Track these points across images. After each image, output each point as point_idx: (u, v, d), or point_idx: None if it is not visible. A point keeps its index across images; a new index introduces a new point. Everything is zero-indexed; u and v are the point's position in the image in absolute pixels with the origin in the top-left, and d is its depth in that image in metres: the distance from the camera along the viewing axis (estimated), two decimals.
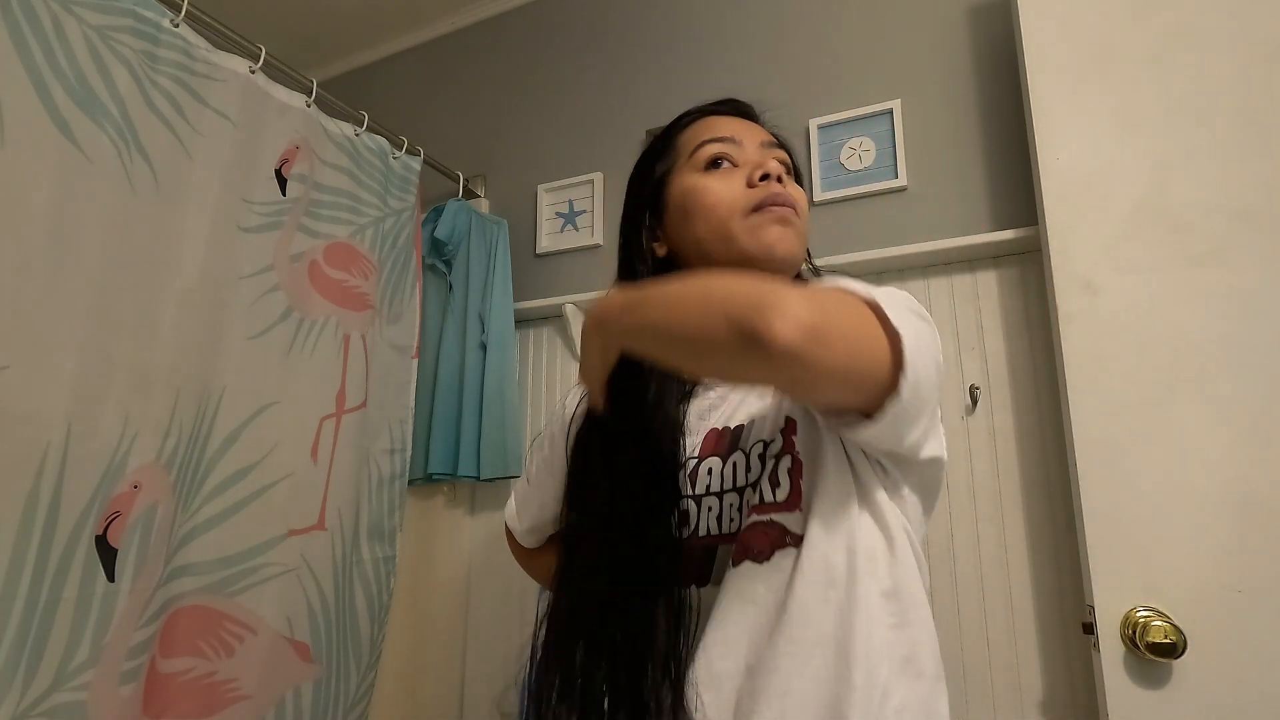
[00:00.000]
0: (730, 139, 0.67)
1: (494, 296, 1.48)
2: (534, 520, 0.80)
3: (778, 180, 0.64)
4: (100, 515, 0.84)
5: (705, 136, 0.68)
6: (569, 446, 0.69)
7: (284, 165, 1.13)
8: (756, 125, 0.72)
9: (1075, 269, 0.96)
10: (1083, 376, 0.93)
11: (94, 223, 0.86)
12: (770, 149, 0.68)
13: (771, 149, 0.69)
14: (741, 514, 0.59)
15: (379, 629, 1.25)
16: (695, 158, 0.67)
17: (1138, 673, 0.84)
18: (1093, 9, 1.01)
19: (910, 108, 1.25)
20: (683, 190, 0.67)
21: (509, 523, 0.83)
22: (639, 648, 0.55)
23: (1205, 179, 0.92)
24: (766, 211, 0.62)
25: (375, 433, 1.27)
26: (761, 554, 0.54)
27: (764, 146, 0.68)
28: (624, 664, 0.56)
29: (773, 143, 0.70)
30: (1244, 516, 0.83)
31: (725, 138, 0.67)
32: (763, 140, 0.69)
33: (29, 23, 0.82)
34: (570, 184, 1.57)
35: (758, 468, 0.59)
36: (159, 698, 0.92)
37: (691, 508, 0.61)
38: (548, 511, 0.77)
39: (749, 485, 0.59)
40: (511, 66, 1.74)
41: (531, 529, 0.80)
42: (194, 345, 0.97)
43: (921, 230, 1.19)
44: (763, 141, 0.69)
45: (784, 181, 0.64)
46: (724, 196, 0.64)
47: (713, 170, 0.66)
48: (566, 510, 0.69)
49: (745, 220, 0.63)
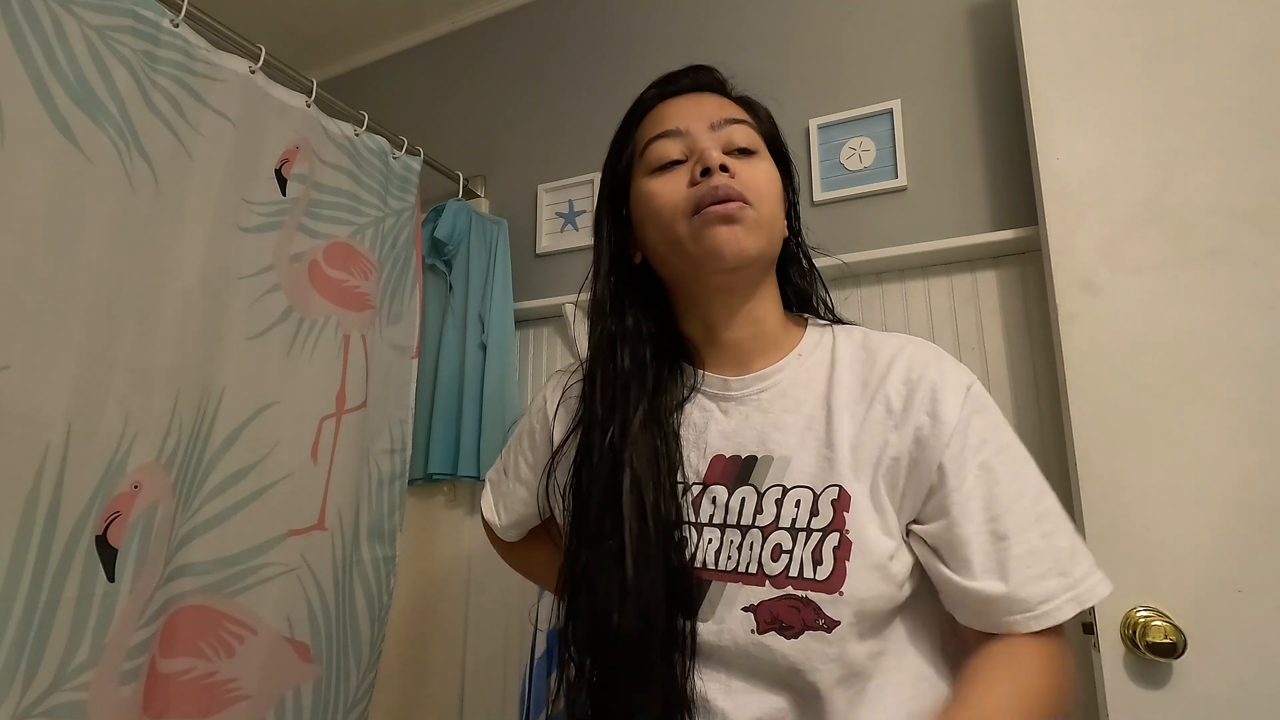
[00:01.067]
0: (676, 131, 0.61)
1: (494, 296, 1.48)
2: (516, 516, 0.77)
3: (722, 169, 0.58)
4: (100, 515, 0.84)
5: (653, 133, 0.63)
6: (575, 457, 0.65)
7: (284, 165, 1.13)
8: (710, 97, 0.65)
9: (1075, 269, 0.96)
10: (1083, 376, 0.93)
11: (94, 223, 0.86)
12: (721, 129, 0.62)
13: (722, 128, 0.62)
14: (741, 553, 0.56)
15: (379, 629, 1.25)
16: (645, 158, 0.63)
17: (1138, 673, 0.84)
18: (1093, 9, 1.01)
19: (910, 108, 1.25)
20: (637, 196, 0.63)
21: (487, 518, 0.80)
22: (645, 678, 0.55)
23: (1205, 179, 0.92)
24: (706, 211, 0.57)
25: (375, 433, 1.27)
26: (791, 630, 0.53)
27: (713, 129, 0.61)
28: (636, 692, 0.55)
29: (726, 119, 0.62)
30: (1244, 516, 0.83)
31: (670, 131, 0.62)
32: (712, 121, 0.62)
33: (29, 23, 0.82)
34: (570, 184, 1.57)
35: (770, 512, 0.56)
36: (159, 698, 0.92)
37: (691, 535, 0.58)
38: (530, 506, 0.75)
39: (750, 527, 0.56)
40: (511, 66, 1.74)
41: (514, 524, 0.78)
42: (194, 345, 0.97)
43: (921, 230, 1.19)
44: (712, 122, 0.62)
45: (729, 169, 0.58)
46: (666, 201, 0.60)
47: (660, 172, 0.61)
48: (566, 514, 0.66)
49: (689, 224, 0.58)
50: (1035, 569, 0.53)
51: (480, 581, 1.50)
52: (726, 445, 0.61)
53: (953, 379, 0.58)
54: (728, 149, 0.61)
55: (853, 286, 1.23)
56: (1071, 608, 0.53)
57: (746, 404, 0.62)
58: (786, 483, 0.57)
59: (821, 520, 0.54)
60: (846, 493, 0.55)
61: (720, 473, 0.59)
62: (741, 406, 0.62)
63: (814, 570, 0.53)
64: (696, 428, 0.62)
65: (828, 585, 0.52)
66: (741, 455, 0.59)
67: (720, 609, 0.55)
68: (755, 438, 0.60)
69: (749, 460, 0.59)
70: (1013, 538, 0.53)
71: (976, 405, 0.57)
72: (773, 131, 0.68)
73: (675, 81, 0.67)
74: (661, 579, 0.56)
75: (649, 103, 0.67)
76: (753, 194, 0.59)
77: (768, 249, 0.61)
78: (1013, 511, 0.54)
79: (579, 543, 0.61)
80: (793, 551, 0.54)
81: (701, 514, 0.59)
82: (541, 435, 0.73)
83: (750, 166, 0.61)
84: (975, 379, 0.59)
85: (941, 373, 0.58)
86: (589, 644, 0.58)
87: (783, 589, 0.53)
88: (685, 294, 0.65)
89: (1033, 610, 0.52)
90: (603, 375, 0.64)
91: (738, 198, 0.58)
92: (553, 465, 0.68)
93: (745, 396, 0.62)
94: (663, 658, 0.54)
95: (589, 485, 0.61)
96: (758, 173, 0.61)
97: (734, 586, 0.55)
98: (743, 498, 0.57)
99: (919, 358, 0.59)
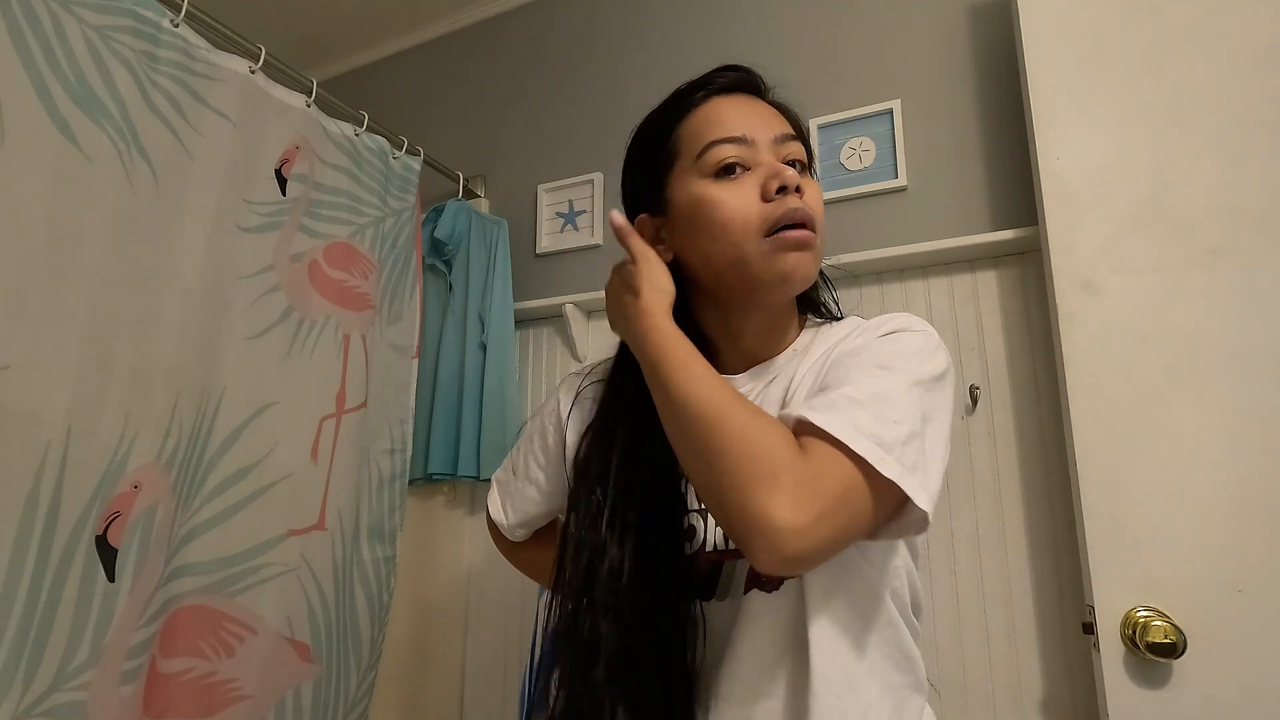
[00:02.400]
0: (742, 139, 0.59)
1: (494, 296, 1.48)
2: (524, 515, 0.77)
3: (796, 190, 0.57)
4: (100, 515, 0.84)
5: (714, 136, 0.60)
6: (579, 450, 0.66)
7: (284, 165, 1.13)
8: (767, 107, 0.64)
9: (1075, 269, 0.96)
10: (1083, 376, 0.93)
11: (94, 223, 0.86)
12: (784, 144, 0.61)
13: (785, 143, 0.61)
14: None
15: (379, 629, 1.25)
16: (703, 161, 0.60)
17: (1138, 673, 0.84)
18: (1093, 9, 1.01)
19: (910, 108, 1.25)
20: (691, 199, 0.60)
21: (494, 517, 0.80)
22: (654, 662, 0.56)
23: (1205, 179, 0.92)
24: (785, 236, 0.56)
25: (375, 433, 1.27)
26: (769, 583, 0.56)
27: (777, 142, 0.61)
28: (642, 678, 0.56)
29: (787, 134, 0.62)
30: (1244, 516, 0.83)
31: (737, 138, 0.59)
32: (776, 134, 0.61)
33: (29, 23, 0.82)
34: (570, 184, 1.57)
35: None
36: (159, 698, 0.92)
37: (698, 522, 0.60)
38: (539, 506, 0.76)
39: None
40: (511, 66, 1.74)
41: (521, 523, 0.78)
42: (194, 345, 0.97)
43: (921, 230, 1.19)
44: (776, 136, 0.61)
45: (802, 190, 0.58)
46: (737, 214, 0.57)
47: (724, 179, 0.59)
48: (569, 514, 0.66)
49: (761, 244, 0.57)
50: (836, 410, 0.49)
51: (480, 582, 1.50)
52: None
53: (892, 320, 0.58)
54: (790, 165, 0.60)
55: (853, 287, 1.23)
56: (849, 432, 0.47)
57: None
58: None
59: None
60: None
61: None
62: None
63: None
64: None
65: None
66: None
67: (733, 587, 0.58)
68: None
69: None
70: (830, 391, 0.51)
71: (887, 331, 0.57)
72: (810, 149, 0.67)
73: (722, 79, 0.64)
74: (672, 565, 0.58)
75: (698, 96, 0.64)
76: (817, 219, 0.59)
77: (814, 276, 0.62)
78: (846, 383, 0.51)
79: (587, 529, 0.62)
80: None
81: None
82: (554, 436, 0.74)
83: (810, 187, 0.60)
84: (924, 332, 0.57)
85: (886, 317, 0.59)
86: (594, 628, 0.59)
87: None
88: (720, 299, 0.64)
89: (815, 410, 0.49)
90: (626, 362, 0.66)
91: (811, 224, 0.58)
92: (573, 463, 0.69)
93: (745, 393, 0.63)
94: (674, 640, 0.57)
95: (600, 472, 0.63)
96: (816, 195, 0.60)
97: (743, 563, 0.58)
98: None
99: (880, 318, 0.60)
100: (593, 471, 0.63)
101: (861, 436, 0.46)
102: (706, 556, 0.59)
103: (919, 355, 0.54)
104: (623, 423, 0.63)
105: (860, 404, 0.49)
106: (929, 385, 0.53)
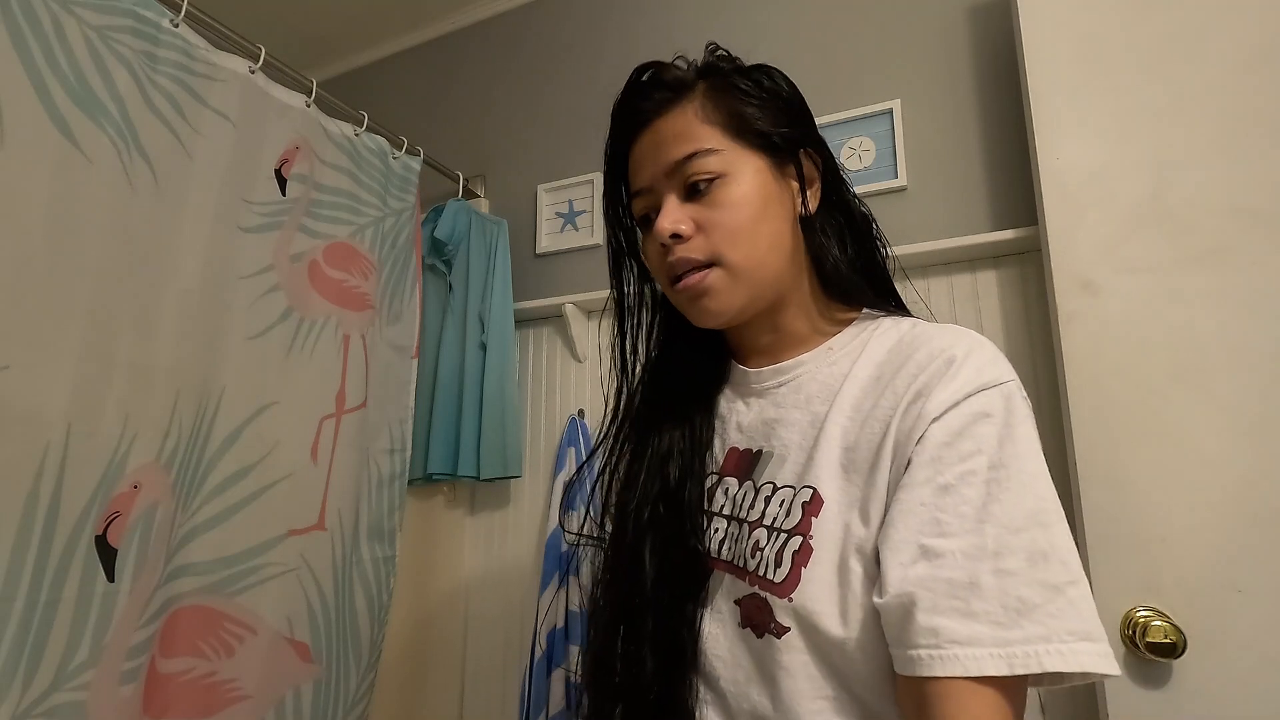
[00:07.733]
0: (646, 189, 0.58)
1: (494, 296, 1.48)
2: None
3: (675, 237, 0.55)
4: (100, 515, 0.84)
5: (633, 187, 0.60)
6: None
7: (284, 165, 1.13)
8: (661, 132, 0.57)
9: (1075, 269, 0.96)
10: (1083, 376, 0.93)
11: (94, 223, 0.86)
12: (680, 169, 0.55)
13: (681, 168, 0.55)
14: (736, 545, 0.55)
15: (379, 629, 1.25)
16: (633, 210, 0.61)
17: (1138, 673, 0.84)
18: (1093, 9, 1.01)
19: (910, 108, 1.25)
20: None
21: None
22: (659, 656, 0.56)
23: (1205, 179, 0.92)
24: (677, 289, 0.57)
25: (375, 433, 1.27)
26: (759, 629, 0.51)
27: (670, 176, 0.56)
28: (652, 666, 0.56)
29: (676, 160, 0.55)
30: (1244, 516, 0.83)
31: (644, 189, 0.58)
32: (665, 168, 0.56)
33: (29, 23, 0.82)
34: (570, 184, 1.57)
35: (759, 508, 0.55)
36: (159, 698, 0.92)
37: (705, 524, 0.59)
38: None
39: (745, 521, 0.56)
40: (511, 66, 1.74)
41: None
42: (194, 345, 0.97)
43: (921, 230, 1.19)
44: (666, 170, 0.56)
45: (683, 233, 0.54)
46: (654, 267, 0.60)
47: (646, 229, 0.60)
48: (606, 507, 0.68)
49: (674, 294, 0.58)
50: (965, 604, 0.42)
51: (480, 581, 1.50)
52: (741, 438, 0.61)
53: (975, 363, 0.48)
54: (690, 193, 0.55)
55: None
56: (995, 664, 0.40)
57: (765, 397, 0.60)
58: (778, 480, 0.55)
59: (790, 521, 0.52)
60: (820, 496, 0.51)
61: (734, 465, 0.60)
62: (760, 400, 0.61)
63: (774, 571, 0.50)
64: (722, 419, 0.63)
65: (781, 589, 0.49)
66: (752, 449, 0.59)
67: (718, 599, 0.55)
68: (764, 432, 0.59)
69: (756, 454, 0.58)
70: (947, 559, 0.43)
71: (986, 408, 0.47)
72: (749, 111, 0.57)
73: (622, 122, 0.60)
74: (682, 561, 0.57)
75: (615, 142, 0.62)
76: (721, 241, 0.54)
77: (759, 292, 0.56)
78: (967, 534, 0.43)
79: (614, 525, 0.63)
80: (764, 550, 0.52)
81: (714, 504, 0.59)
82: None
83: (712, 205, 0.54)
84: (1013, 382, 0.49)
85: (967, 353, 0.49)
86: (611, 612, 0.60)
87: (753, 587, 0.52)
88: None
89: (940, 647, 0.41)
90: (659, 361, 0.67)
91: (699, 265, 0.54)
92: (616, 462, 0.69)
93: (765, 390, 0.61)
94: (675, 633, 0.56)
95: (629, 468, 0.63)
96: (723, 209, 0.54)
97: (730, 578, 0.55)
98: (746, 492, 0.58)
99: (951, 340, 0.50)
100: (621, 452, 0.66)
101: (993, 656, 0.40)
102: (708, 560, 0.59)
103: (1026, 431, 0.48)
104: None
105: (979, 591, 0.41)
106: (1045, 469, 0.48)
